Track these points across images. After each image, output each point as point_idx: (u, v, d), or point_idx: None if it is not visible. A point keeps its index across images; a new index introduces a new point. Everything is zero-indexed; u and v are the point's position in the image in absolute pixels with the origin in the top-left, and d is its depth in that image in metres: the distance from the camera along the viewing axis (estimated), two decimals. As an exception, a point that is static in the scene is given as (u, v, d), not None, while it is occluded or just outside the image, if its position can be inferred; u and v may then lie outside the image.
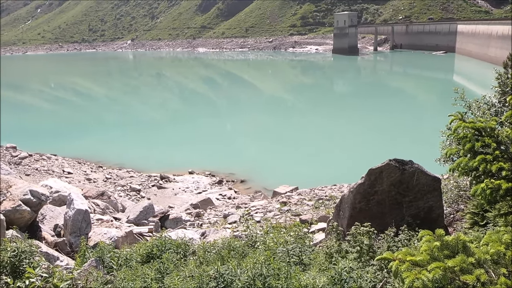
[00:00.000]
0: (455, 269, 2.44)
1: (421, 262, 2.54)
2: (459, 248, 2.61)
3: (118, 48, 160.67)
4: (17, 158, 21.62)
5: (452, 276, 2.44)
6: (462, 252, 2.57)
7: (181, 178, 20.44)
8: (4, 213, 5.66)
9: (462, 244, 2.62)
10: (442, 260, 2.50)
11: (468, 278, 2.40)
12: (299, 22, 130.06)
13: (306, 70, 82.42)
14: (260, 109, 41.06)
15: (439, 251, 2.58)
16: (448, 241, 2.64)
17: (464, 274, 2.44)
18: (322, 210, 11.99)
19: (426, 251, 2.58)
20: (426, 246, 2.61)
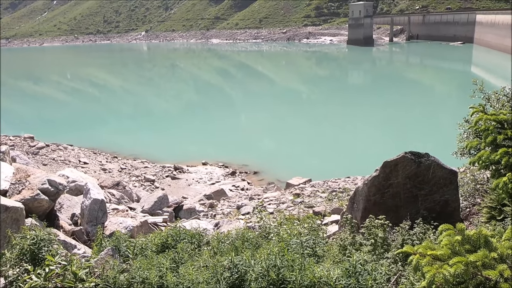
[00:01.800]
0: (477, 264, 2.40)
1: (442, 257, 2.50)
2: (480, 242, 2.56)
3: (133, 39, 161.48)
4: (34, 148, 22.04)
5: (474, 271, 2.40)
6: (484, 247, 2.52)
7: (195, 169, 20.57)
8: (23, 202, 5.79)
9: (484, 238, 2.57)
10: (463, 255, 2.45)
11: (491, 273, 2.35)
12: (314, 13, 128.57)
13: (320, 61, 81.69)
14: (273, 101, 40.93)
15: (460, 246, 2.53)
16: (469, 236, 2.59)
17: (487, 269, 2.39)
18: (335, 202, 11.95)
19: (447, 246, 2.54)
20: (447, 241, 2.57)
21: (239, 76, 66.32)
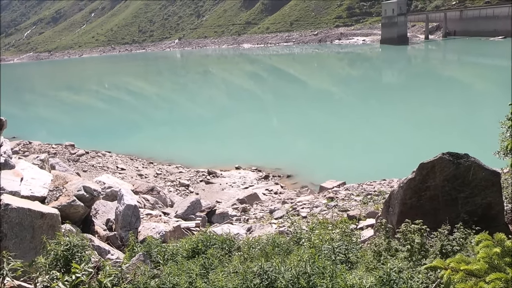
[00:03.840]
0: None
1: (478, 272, 2.19)
2: (524, 255, 2.25)
3: (166, 47, 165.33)
4: (75, 155, 22.90)
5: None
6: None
7: (228, 173, 20.68)
8: (60, 208, 5.97)
9: (528, 250, 2.26)
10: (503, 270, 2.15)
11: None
12: (345, 13, 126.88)
13: (353, 62, 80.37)
14: (306, 103, 40.59)
15: (499, 259, 2.22)
16: (510, 247, 2.29)
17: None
18: (370, 205, 11.62)
19: (484, 259, 2.22)
20: (484, 253, 2.25)
21: (271, 80, 66.34)
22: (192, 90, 60.76)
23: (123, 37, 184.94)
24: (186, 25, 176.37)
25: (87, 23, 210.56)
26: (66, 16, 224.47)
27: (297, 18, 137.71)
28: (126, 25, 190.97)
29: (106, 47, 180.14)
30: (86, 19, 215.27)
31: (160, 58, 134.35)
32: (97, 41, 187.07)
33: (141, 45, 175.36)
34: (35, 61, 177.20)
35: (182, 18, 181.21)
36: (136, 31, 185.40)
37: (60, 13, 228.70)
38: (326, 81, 57.81)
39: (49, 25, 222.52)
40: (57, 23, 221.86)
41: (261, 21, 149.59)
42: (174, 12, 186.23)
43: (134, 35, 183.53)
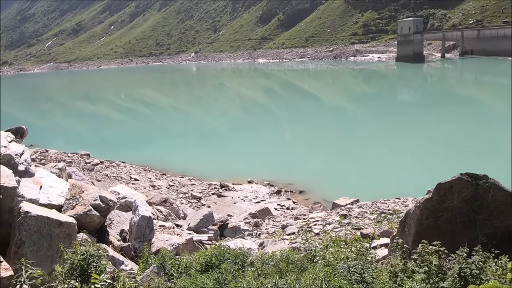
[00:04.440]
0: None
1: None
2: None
3: (183, 60, 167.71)
4: (90, 164, 23.17)
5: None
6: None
7: (240, 187, 20.64)
8: (76, 217, 6.04)
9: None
10: None
11: None
12: (361, 30, 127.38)
13: (368, 79, 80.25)
14: (320, 119, 40.55)
15: None
16: None
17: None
18: (384, 224, 11.45)
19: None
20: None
21: (285, 95, 66.58)
22: (206, 103, 61.30)
23: (140, 49, 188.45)
24: (202, 39, 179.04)
25: (106, 36, 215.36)
26: (86, 28, 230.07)
27: (313, 34, 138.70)
28: (144, 38, 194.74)
29: (124, 59, 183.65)
30: (106, 32, 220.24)
31: (176, 70, 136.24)
32: (115, 53, 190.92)
33: (158, 57, 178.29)
34: (54, 71, 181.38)
35: (199, 32, 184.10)
36: (154, 44, 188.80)
37: (80, 25, 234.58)
38: (340, 97, 57.76)
39: (69, 37, 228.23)
40: (77, 34, 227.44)
41: (277, 36, 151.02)
42: (192, 26, 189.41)
43: (152, 48, 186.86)
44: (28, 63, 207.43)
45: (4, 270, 4.57)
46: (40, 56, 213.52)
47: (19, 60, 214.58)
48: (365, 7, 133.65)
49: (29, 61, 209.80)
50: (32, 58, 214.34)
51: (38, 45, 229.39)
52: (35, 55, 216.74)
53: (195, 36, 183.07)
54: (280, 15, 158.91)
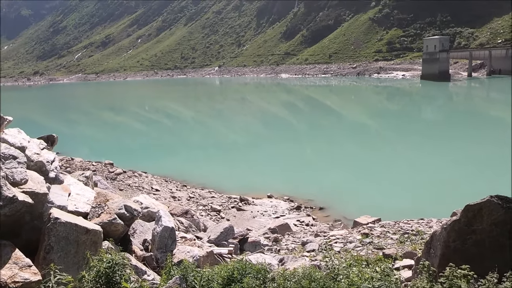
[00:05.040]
0: None
1: None
2: None
3: (206, 74, 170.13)
4: (113, 174, 23.59)
5: None
6: None
7: (260, 201, 20.59)
8: (102, 225, 6.15)
9: None
10: None
11: None
12: (385, 48, 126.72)
13: (392, 96, 79.43)
14: (341, 135, 40.27)
15: None
16: None
17: None
18: (407, 245, 11.18)
19: None
20: None
21: (307, 110, 66.51)
22: (228, 116, 61.82)
23: (166, 62, 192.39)
24: (226, 53, 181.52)
25: (134, 48, 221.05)
26: (114, 41, 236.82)
27: (336, 50, 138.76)
28: (170, 52, 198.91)
29: (149, 71, 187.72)
30: (133, 45, 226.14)
31: (200, 84, 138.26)
32: (141, 66, 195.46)
33: (182, 71, 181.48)
34: (83, 82, 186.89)
35: (223, 47, 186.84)
36: (179, 58, 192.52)
37: (109, 38, 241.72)
38: (363, 114, 57.28)
39: (98, 49, 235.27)
40: (106, 47, 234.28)
41: (300, 52, 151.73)
42: (216, 41, 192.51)
43: (176, 61, 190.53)
44: (58, 73, 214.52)
45: (33, 275, 4.69)
46: (70, 67, 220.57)
47: (50, 71, 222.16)
48: (390, 25, 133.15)
49: (59, 72, 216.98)
50: (62, 69, 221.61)
51: (68, 56, 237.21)
52: (65, 66, 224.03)
53: (219, 51, 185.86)
54: (304, 31, 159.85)
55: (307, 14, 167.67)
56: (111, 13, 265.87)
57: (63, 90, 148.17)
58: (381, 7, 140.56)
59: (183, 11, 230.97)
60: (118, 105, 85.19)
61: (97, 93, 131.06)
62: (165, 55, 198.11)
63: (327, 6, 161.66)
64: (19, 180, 5.67)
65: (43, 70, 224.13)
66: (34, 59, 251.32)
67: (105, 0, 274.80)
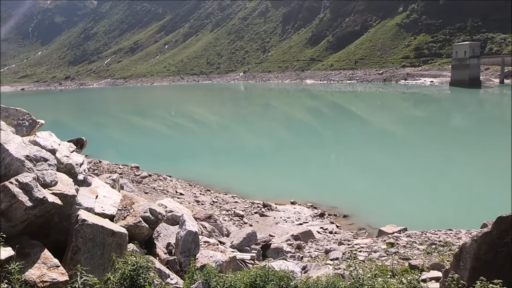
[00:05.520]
0: None
1: None
2: None
3: (231, 79, 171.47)
4: (139, 177, 24.00)
5: None
6: None
7: (283, 207, 20.48)
8: (127, 228, 6.25)
9: None
10: None
11: None
12: (413, 54, 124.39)
13: (419, 103, 77.79)
14: (366, 142, 39.65)
15: None
16: None
17: None
18: (435, 256, 10.86)
19: None
20: None
21: (331, 116, 65.96)
22: (252, 121, 62.00)
23: (192, 68, 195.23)
24: (251, 59, 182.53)
25: (161, 54, 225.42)
26: (142, 47, 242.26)
27: (362, 56, 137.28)
28: (196, 57, 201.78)
29: (176, 76, 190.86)
30: (160, 50, 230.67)
31: (225, 89, 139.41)
32: (168, 71, 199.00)
33: (207, 76, 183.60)
34: (111, 87, 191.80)
35: (248, 53, 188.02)
36: (205, 63, 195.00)
37: (137, 44, 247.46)
38: (389, 121, 56.31)
39: (127, 55, 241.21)
40: (134, 53, 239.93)
41: (326, 58, 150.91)
42: (242, 47, 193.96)
43: (202, 67, 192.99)
44: (88, 78, 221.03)
45: (61, 275, 4.81)
46: (99, 72, 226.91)
47: (80, 75, 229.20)
48: (418, 30, 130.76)
49: (89, 77, 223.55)
50: (92, 74, 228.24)
51: (98, 62, 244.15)
52: (94, 71, 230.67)
53: (245, 56, 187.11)
54: (329, 37, 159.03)
55: (333, 20, 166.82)
56: (140, 20, 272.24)
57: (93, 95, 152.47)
58: (409, 13, 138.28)
59: (209, 18, 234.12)
60: (144, 110, 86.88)
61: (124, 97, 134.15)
62: (191, 60, 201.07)
63: (353, 11, 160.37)
64: (49, 182, 5.84)
65: (74, 75, 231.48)
66: (65, 64, 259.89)
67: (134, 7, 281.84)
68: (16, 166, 5.66)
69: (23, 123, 7.39)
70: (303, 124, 57.28)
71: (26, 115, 7.62)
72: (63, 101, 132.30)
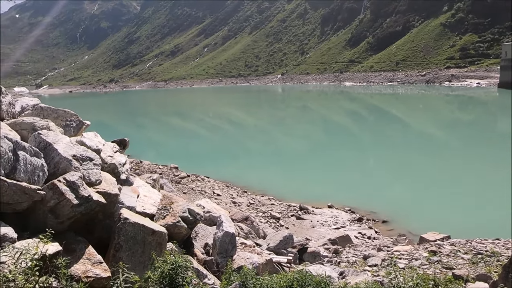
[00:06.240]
0: None
1: None
2: None
3: (269, 82, 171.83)
4: (178, 177, 24.50)
5: None
6: None
7: (320, 211, 20.23)
8: (166, 227, 6.39)
9: None
10: None
11: None
12: (458, 54, 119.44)
13: (464, 106, 74.60)
14: (407, 145, 38.46)
15: None
16: None
17: None
18: (481, 267, 10.34)
19: None
20: None
21: (371, 119, 64.53)
22: (289, 123, 61.76)
23: (230, 70, 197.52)
24: (290, 61, 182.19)
25: (200, 57, 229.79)
26: (183, 50, 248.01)
27: (404, 57, 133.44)
28: (234, 60, 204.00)
29: (214, 79, 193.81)
30: (200, 53, 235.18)
31: (262, 91, 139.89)
32: (207, 74, 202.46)
33: (245, 78, 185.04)
34: (152, 89, 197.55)
35: (286, 55, 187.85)
36: (243, 66, 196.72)
37: (178, 47, 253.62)
38: (431, 124, 54.31)
39: (167, 58, 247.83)
40: (174, 56, 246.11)
41: (365, 59, 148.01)
42: (280, 49, 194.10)
43: (240, 69, 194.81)
44: (131, 81, 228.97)
45: (104, 271, 4.99)
46: (141, 75, 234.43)
47: (124, 78, 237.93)
48: (464, 30, 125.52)
49: (132, 79, 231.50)
50: (134, 76, 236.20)
51: (141, 65, 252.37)
52: (137, 74, 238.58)
53: (283, 58, 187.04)
54: (369, 38, 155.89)
55: (373, 21, 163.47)
56: (181, 24, 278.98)
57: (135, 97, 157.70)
58: (454, 12, 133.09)
59: (248, 20, 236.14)
60: (184, 111, 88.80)
61: (165, 99, 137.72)
62: (229, 63, 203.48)
63: (394, 12, 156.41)
64: (94, 181, 6.08)
65: (118, 78, 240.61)
66: (110, 67, 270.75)
67: (175, 11, 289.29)
68: (64, 165, 5.94)
69: (71, 124, 7.75)
70: (341, 126, 56.42)
71: (74, 116, 7.99)
72: (107, 102, 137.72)
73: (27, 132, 6.67)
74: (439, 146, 38.52)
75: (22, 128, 6.74)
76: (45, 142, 6.02)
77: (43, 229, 5.11)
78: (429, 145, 38.87)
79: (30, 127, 6.73)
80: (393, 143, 40.58)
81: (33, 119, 6.93)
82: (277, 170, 30.62)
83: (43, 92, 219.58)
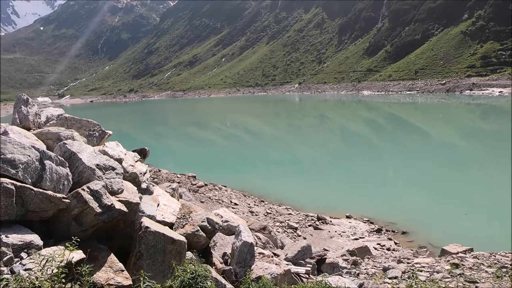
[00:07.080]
0: None
1: None
2: None
3: (286, 91, 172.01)
4: (195, 186, 24.67)
5: None
6: None
7: (338, 221, 20.04)
8: (185, 236, 6.46)
9: None
10: None
11: None
12: (479, 63, 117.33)
13: (486, 115, 73.03)
14: (427, 155, 37.82)
15: None
16: None
17: None
18: (506, 281, 10.05)
19: None
20: None
21: (389, 128, 63.81)
22: (306, 133, 61.59)
23: (247, 80, 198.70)
24: (307, 70, 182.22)
25: (218, 67, 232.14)
26: (201, 60, 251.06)
27: (423, 66, 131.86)
28: (252, 69, 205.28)
29: (232, 88, 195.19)
30: (217, 63, 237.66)
31: (279, 101, 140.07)
32: (225, 83, 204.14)
33: (263, 88, 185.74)
34: (171, 99, 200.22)
35: (303, 64, 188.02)
36: (260, 75, 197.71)
37: (196, 57, 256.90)
38: (452, 134, 53.33)
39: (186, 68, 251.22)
40: (193, 66, 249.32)
41: (384, 68, 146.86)
42: (297, 59, 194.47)
43: (258, 79, 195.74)
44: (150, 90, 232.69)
45: (125, 279, 5.08)
46: (160, 85, 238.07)
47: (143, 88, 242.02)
48: (485, 38, 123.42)
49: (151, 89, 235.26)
50: (153, 86, 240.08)
51: (159, 75, 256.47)
52: (156, 84, 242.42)
53: (300, 68, 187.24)
54: (388, 47, 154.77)
55: (391, 29, 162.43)
56: (199, 34, 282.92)
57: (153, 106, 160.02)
58: (474, 19, 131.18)
59: (265, 30, 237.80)
60: (201, 121, 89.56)
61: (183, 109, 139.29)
62: (247, 72, 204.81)
63: (413, 20, 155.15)
64: (116, 190, 6.21)
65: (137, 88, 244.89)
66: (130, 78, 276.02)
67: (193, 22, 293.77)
68: (87, 174, 6.09)
69: (93, 133, 7.96)
70: (359, 136, 55.92)
71: (97, 126, 8.19)
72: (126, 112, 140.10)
73: (52, 142, 6.88)
74: (460, 156, 37.76)
75: (47, 138, 6.96)
76: (70, 152, 6.20)
77: (67, 236, 5.24)
78: (449, 155, 38.15)
79: (56, 137, 6.95)
80: (412, 153, 40.00)
81: (58, 129, 7.15)
82: (294, 180, 30.51)
83: (65, 102, 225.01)
